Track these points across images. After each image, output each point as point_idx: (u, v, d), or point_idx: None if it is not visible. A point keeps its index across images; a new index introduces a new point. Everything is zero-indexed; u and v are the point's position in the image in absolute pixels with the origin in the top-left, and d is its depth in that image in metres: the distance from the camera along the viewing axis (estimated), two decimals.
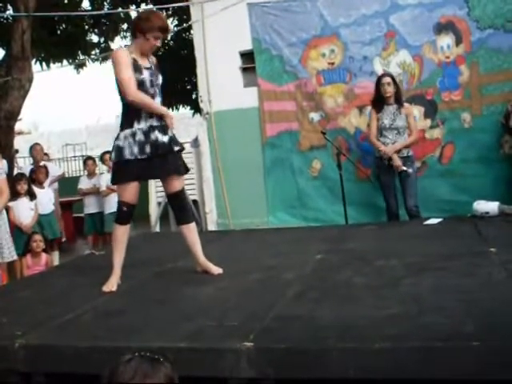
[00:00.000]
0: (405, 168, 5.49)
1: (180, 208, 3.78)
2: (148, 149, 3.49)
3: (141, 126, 3.51)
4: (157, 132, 3.52)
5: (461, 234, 4.38)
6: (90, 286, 3.59)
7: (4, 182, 4.83)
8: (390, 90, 5.57)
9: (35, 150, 7.94)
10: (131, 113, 3.52)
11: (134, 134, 3.49)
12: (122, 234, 3.63)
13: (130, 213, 3.62)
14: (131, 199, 3.59)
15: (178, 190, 3.69)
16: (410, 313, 2.57)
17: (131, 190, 3.57)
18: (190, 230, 3.77)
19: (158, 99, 3.61)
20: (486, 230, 4.34)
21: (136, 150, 3.48)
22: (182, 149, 3.73)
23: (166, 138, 3.54)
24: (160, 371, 1.41)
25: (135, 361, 1.43)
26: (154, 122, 3.53)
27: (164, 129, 3.56)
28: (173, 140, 3.60)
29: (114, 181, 3.68)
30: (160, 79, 3.64)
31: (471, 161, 5.98)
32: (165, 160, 3.57)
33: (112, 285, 3.50)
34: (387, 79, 5.61)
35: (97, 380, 1.48)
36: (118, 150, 3.52)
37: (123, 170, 3.54)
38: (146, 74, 3.52)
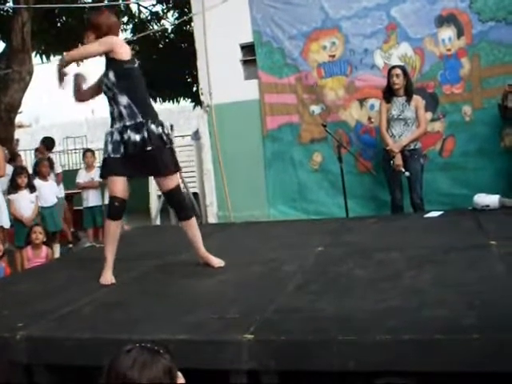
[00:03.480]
0: (403, 170, 5.48)
1: (177, 205, 3.79)
2: (122, 148, 3.52)
3: (117, 125, 3.55)
4: (129, 131, 3.50)
5: (461, 227, 4.37)
6: (90, 278, 3.59)
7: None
8: (398, 82, 5.56)
9: None
10: (110, 113, 3.60)
11: (111, 134, 3.56)
12: (114, 229, 3.63)
13: (122, 208, 3.62)
14: (121, 194, 3.59)
15: (171, 187, 3.68)
16: (411, 305, 2.57)
17: (118, 185, 3.58)
18: (191, 226, 3.77)
19: (122, 98, 3.51)
20: (487, 223, 4.34)
21: (110, 148, 3.54)
22: (166, 144, 3.59)
23: (138, 137, 3.48)
24: (159, 362, 1.43)
25: (135, 351, 1.45)
26: (127, 122, 3.51)
27: (138, 128, 3.50)
28: (148, 139, 3.48)
29: (99, 175, 3.93)
30: (111, 77, 3.52)
31: (472, 154, 5.96)
32: (145, 159, 3.53)
33: (108, 278, 3.51)
34: (396, 71, 5.59)
35: (97, 371, 1.48)
36: (104, 146, 3.63)
37: (105, 165, 3.64)
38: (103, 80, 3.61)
